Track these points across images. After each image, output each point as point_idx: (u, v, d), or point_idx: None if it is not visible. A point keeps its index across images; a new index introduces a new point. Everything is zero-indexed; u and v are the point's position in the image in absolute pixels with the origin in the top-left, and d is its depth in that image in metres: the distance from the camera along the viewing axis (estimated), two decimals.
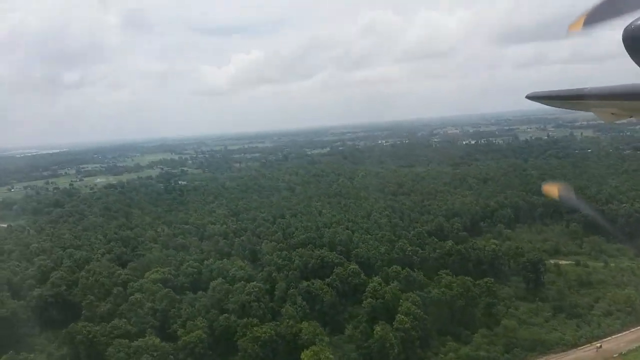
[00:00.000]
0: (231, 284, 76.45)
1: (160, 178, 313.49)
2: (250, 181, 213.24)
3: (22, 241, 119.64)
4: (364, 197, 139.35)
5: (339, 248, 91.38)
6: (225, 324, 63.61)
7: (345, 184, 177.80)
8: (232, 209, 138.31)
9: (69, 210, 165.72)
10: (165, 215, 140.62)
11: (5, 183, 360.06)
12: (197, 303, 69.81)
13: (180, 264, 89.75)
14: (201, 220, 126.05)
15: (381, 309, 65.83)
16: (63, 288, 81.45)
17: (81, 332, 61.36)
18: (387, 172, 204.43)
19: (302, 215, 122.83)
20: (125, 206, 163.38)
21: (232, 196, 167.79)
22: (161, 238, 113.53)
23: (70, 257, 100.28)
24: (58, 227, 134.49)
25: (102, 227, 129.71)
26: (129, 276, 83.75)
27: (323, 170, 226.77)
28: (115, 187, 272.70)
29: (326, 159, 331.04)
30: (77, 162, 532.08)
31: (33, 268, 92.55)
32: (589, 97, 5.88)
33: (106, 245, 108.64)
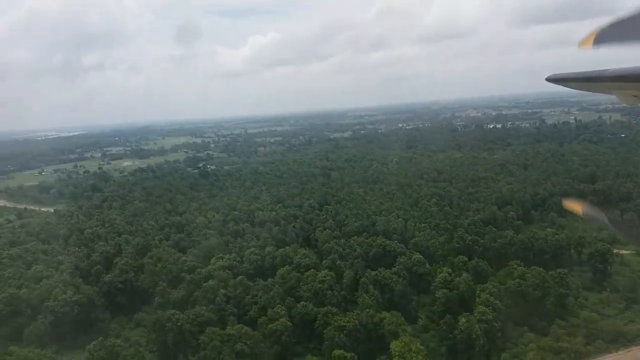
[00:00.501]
0: (298, 271, 77.56)
1: (188, 162, 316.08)
2: (283, 166, 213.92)
3: (75, 226, 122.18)
4: (406, 184, 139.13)
5: (395, 236, 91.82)
6: (303, 311, 64.82)
7: (381, 169, 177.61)
8: (276, 196, 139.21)
9: (110, 195, 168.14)
10: (209, 200, 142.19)
11: (34, 166, 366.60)
12: (270, 290, 70.90)
13: (239, 250, 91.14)
14: (248, 206, 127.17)
15: (455, 299, 66.44)
16: (131, 274, 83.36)
17: (171, 320, 62.97)
18: (421, 157, 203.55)
19: (347, 203, 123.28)
20: (166, 191, 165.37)
21: (270, 182, 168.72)
22: (212, 224, 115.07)
23: (128, 243, 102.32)
24: (106, 213, 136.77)
25: (149, 213, 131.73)
26: (194, 263, 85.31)
27: (355, 156, 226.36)
28: (146, 171, 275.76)
29: (351, 143, 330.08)
30: (100, 145, 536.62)
31: (95, 254, 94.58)
32: (611, 79, 5.75)
33: (160, 231, 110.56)
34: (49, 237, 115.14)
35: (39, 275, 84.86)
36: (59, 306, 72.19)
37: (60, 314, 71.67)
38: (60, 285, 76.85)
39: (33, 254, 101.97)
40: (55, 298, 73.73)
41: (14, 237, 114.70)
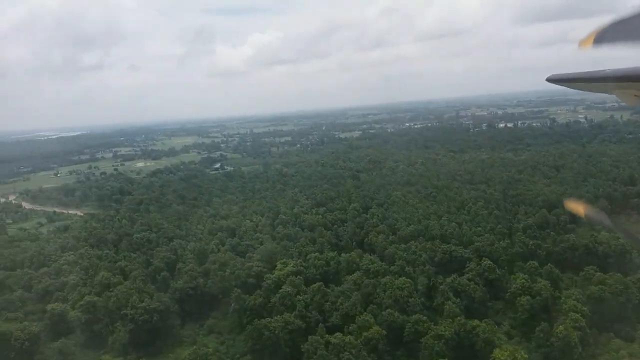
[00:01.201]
0: (368, 277, 78.44)
1: (204, 163, 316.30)
2: (306, 168, 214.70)
3: (121, 231, 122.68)
4: (444, 187, 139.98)
5: (453, 241, 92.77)
6: (390, 319, 65.70)
7: (410, 171, 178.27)
8: (314, 198, 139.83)
9: (145, 198, 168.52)
10: (248, 203, 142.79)
11: (46, 167, 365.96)
12: (349, 297, 71.63)
13: (299, 255, 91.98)
14: (291, 209, 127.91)
15: (539, 306, 67.46)
16: (200, 280, 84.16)
17: (268, 328, 63.74)
18: (445, 158, 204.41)
19: (390, 206, 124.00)
20: (200, 194, 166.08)
21: (301, 184, 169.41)
22: (259, 228, 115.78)
23: (183, 248, 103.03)
24: (147, 216, 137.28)
25: (192, 216, 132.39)
26: (260, 268, 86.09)
27: (377, 157, 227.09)
28: (164, 173, 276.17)
29: (365, 144, 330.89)
30: (108, 146, 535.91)
31: (156, 260, 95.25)
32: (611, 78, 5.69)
33: (212, 235, 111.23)
34: (98, 242, 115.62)
35: (106, 282, 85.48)
36: (139, 314, 72.93)
37: (140, 321, 72.42)
38: (134, 292, 77.53)
39: (89, 259, 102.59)
40: (133, 305, 74.47)
41: (64, 242, 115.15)
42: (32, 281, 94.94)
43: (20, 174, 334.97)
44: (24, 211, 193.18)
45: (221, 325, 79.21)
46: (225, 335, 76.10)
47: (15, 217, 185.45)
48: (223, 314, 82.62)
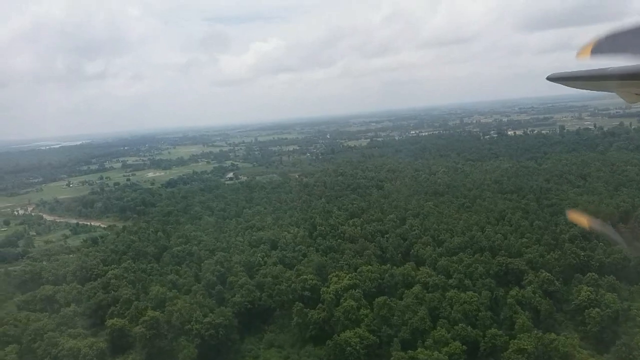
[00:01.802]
0: (427, 290, 78.71)
1: (217, 173, 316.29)
2: (327, 177, 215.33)
3: (158, 243, 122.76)
4: (476, 196, 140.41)
5: (502, 253, 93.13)
6: (463, 334, 65.92)
7: (434, 180, 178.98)
8: (346, 209, 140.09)
9: (170, 210, 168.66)
10: (280, 214, 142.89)
11: (56, 178, 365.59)
12: (416, 311, 71.76)
13: (350, 267, 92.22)
14: (326, 220, 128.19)
15: (610, 318, 67.84)
16: (257, 294, 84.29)
17: (348, 343, 63.91)
18: (468, 167, 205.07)
19: (426, 217, 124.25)
20: (226, 205, 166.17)
21: (328, 194, 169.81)
22: (299, 239, 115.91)
23: (228, 260, 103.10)
24: (181, 228, 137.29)
25: (227, 228, 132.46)
26: (314, 281, 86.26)
27: (395, 166, 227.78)
28: (178, 183, 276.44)
29: (377, 152, 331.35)
30: (114, 155, 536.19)
31: (207, 273, 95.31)
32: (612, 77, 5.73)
33: (254, 247, 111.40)
34: (137, 255, 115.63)
35: (161, 297, 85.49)
36: (205, 329, 73.00)
37: (207, 336, 72.49)
38: (197, 307, 77.65)
39: (134, 272, 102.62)
40: (197, 320, 74.56)
41: (104, 256, 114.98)
42: (82, 296, 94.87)
43: (31, 185, 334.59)
44: (46, 223, 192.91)
45: (281, 339, 79.29)
46: (288, 349, 76.13)
47: (38, 229, 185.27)
48: (279, 327, 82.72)
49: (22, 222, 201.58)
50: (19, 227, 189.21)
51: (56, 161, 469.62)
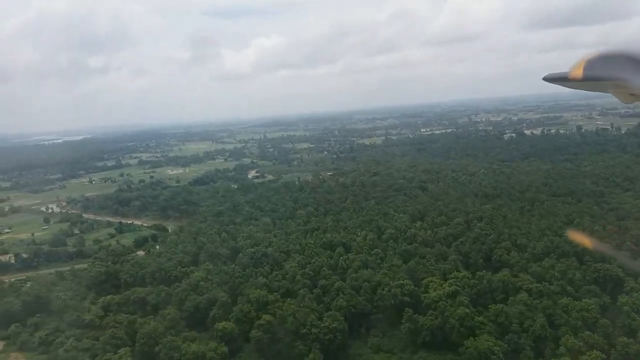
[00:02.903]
0: (533, 297, 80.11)
1: (240, 171, 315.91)
2: (363, 177, 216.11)
3: (227, 244, 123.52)
4: (533, 199, 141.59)
5: (586, 258, 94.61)
6: (590, 341, 67.25)
7: (478, 182, 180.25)
8: (406, 212, 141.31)
9: (220, 209, 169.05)
10: (341, 216, 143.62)
11: (74, 174, 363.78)
12: (532, 319, 73.03)
13: (442, 272, 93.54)
14: (391, 223, 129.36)
15: None
16: (360, 298, 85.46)
17: (478, 349, 65.13)
18: (506, 169, 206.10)
19: (491, 220, 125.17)
20: (273, 204, 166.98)
21: (375, 196, 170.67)
22: (368, 242, 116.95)
23: (310, 263, 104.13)
24: (241, 229, 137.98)
25: (287, 229, 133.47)
26: (413, 288, 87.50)
27: (428, 166, 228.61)
28: (204, 181, 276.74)
29: (399, 151, 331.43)
30: (125, 151, 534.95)
31: (298, 275, 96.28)
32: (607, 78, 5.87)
33: (327, 249, 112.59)
34: (211, 256, 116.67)
35: (263, 300, 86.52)
36: (322, 333, 74.19)
37: (326, 341, 73.68)
38: (310, 312, 78.70)
39: (217, 275, 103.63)
40: (312, 325, 75.70)
41: (181, 258, 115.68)
42: (172, 298, 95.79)
43: (51, 182, 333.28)
44: (88, 221, 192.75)
45: (387, 343, 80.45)
46: (399, 354, 77.41)
47: (81, 227, 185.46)
48: (381, 332, 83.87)
49: (60, 220, 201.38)
50: (61, 226, 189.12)
51: (69, 157, 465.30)
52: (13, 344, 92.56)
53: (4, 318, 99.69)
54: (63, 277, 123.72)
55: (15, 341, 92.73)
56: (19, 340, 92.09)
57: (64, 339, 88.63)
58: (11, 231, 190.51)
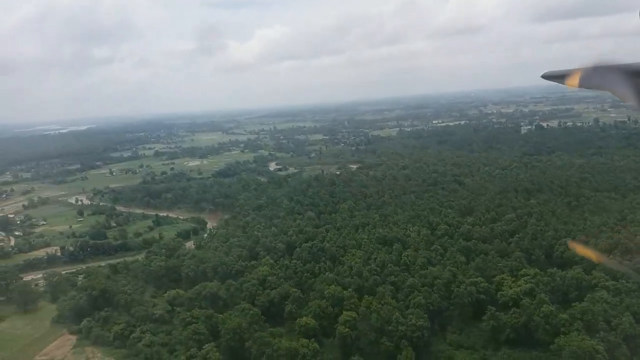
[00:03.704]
0: (611, 295, 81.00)
1: (260, 163, 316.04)
2: (392, 171, 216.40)
3: (281, 238, 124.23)
4: (579, 195, 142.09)
5: None
6: None
7: (514, 176, 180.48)
8: (450, 207, 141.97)
9: (259, 203, 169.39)
10: (378, 210, 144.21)
11: (92, 165, 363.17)
12: (619, 317, 73.89)
13: (510, 270, 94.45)
14: (440, 218, 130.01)
15: None
16: (435, 296, 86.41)
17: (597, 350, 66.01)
18: (537, 163, 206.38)
19: (541, 216, 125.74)
20: (314, 199, 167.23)
21: (411, 190, 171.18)
22: (421, 238, 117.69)
23: (372, 259, 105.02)
24: (286, 223, 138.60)
25: (339, 224, 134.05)
26: (486, 285, 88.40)
27: (457, 160, 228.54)
28: (227, 173, 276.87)
29: (418, 143, 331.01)
30: (136, 142, 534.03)
31: (359, 271, 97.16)
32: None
33: (382, 245, 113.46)
34: (267, 250, 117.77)
35: (339, 296, 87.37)
36: (410, 330, 75.19)
37: (415, 338, 74.67)
38: (392, 309, 79.62)
39: (280, 269, 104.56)
40: (399, 322, 76.63)
41: (239, 252, 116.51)
42: (242, 293, 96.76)
43: (71, 173, 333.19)
44: (122, 214, 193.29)
45: (466, 340, 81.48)
46: (482, 351, 78.37)
47: (117, 220, 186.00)
48: (458, 328, 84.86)
49: (93, 212, 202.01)
50: (96, 218, 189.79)
51: (82, 147, 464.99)
52: (86, 338, 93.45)
53: (72, 312, 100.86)
54: (117, 271, 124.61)
55: (88, 336, 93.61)
56: (92, 335, 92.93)
57: (139, 333, 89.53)
58: (46, 223, 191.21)
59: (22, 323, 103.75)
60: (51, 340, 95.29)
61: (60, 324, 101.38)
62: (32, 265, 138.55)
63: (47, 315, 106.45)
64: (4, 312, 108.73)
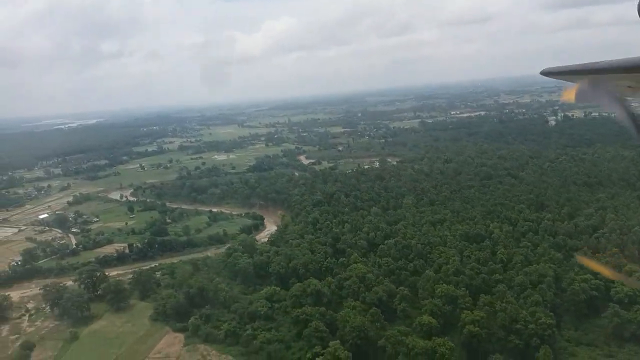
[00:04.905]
0: None
1: (290, 156, 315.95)
2: (436, 165, 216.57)
3: (364, 236, 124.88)
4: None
5: None
6: None
7: (569, 168, 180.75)
8: (519, 202, 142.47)
9: (318, 199, 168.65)
10: (444, 207, 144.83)
11: (120, 160, 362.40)
12: None
13: (616, 266, 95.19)
14: (517, 214, 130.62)
15: None
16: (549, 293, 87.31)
17: None
18: (582, 154, 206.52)
19: (617, 211, 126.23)
20: (373, 194, 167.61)
21: (470, 184, 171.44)
22: (504, 234, 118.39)
23: (467, 257, 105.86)
24: (356, 220, 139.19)
25: (411, 219, 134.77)
26: (598, 282, 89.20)
27: (503, 153, 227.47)
28: (263, 167, 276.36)
29: (448, 135, 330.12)
30: (155, 136, 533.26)
31: (467, 269, 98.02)
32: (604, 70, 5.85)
33: (473, 243, 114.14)
34: (351, 248, 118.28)
35: (452, 295, 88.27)
36: (541, 329, 76.10)
37: (546, 336, 75.61)
38: (517, 308, 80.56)
39: (374, 267, 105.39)
40: (527, 320, 77.58)
41: (325, 249, 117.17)
42: (344, 290, 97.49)
43: (101, 168, 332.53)
44: (175, 210, 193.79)
45: (585, 337, 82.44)
46: (603, 347, 79.30)
47: (172, 216, 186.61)
48: (573, 325, 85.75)
49: (144, 208, 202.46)
50: (150, 214, 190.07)
51: (103, 142, 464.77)
52: (195, 336, 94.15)
53: (173, 310, 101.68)
54: (198, 268, 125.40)
55: (196, 333, 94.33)
56: (201, 333, 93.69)
57: (252, 330, 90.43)
58: (99, 220, 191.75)
59: (120, 321, 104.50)
60: (157, 338, 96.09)
61: (160, 322, 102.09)
62: (103, 262, 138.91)
63: (141, 313, 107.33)
64: (96, 311, 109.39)
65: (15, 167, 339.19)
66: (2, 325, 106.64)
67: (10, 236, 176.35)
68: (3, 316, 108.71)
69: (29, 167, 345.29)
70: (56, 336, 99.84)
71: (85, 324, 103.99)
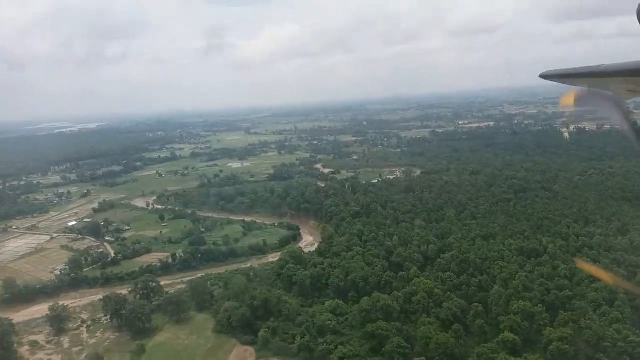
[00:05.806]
0: None
1: (307, 166, 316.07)
2: (463, 177, 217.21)
3: (420, 250, 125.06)
4: None
5: None
6: None
7: (594, 182, 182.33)
8: (564, 216, 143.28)
9: (356, 210, 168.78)
10: (486, 220, 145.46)
11: (133, 167, 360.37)
12: None
13: None
14: (566, 228, 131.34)
15: None
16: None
17: None
18: (609, 168, 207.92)
19: None
20: (410, 207, 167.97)
21: (507, 197, 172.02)
22: (558, 249, 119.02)
23: (530, 272, 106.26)
24: (402, 233, 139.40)
25: (460, 234, 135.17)
26: None
27: (529, 165, 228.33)
28: (283, 176, 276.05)
29: (466, 146, 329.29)
30: (162, 142, 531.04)
31: (528, 285, 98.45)
32: (605, 74, 5.84)
33: (531, 258, 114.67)
34: (405, 261, 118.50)
35: (529, 312, 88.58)
36: (631, 347, 76.59)
37: (636, 355, 76.03)
38: (606, 325, 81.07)
39: (435, 281, 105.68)
40: (615, 338, 78.00)
41: (379, 261, 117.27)
42: (411, 306, 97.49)
43: (117, 174, 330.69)
44: (208, 219, 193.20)
45: None
46: None
47: (205, 225, 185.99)
48: None
49: (175, 217, 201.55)
50: (181, 223, 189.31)
51: (113, 148, 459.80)
52: (265, 349, 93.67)
53: (239, 323, 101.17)
54: (250, 279, 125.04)
55: (266, 347, 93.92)
56: (271, 346, 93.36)
57: (325, 345, 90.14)
58: (131, 228, 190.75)
59: (184, 333, 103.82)
60: (227, 351, 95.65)
61: (224, 334, 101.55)
62: (147, 272, 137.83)
63: (202, 325, 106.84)
64: (156, 322, 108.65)
65: (29, 172, 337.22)
66: (62, 337, 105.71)
67: (44, 244, 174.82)
68: (61, 327, 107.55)
69: (43, 172, 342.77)
70: (121, 348, 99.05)
71: (148, 336, 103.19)
